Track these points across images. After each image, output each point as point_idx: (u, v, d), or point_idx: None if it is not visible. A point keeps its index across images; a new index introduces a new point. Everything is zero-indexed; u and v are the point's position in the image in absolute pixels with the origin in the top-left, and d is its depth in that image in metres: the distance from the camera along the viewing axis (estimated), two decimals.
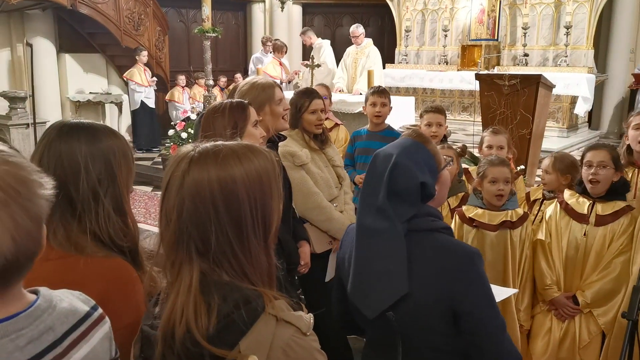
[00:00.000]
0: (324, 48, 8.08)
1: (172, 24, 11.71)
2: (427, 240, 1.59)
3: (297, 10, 13.35)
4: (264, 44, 10.13)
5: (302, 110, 3.14)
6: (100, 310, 1.11)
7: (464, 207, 2.85)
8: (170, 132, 7.69)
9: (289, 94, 3.82)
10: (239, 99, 2.33)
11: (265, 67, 9.29)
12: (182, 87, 10.42)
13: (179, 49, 12.10)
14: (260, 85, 2.61)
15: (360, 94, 7.13)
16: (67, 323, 1.03)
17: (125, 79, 9.95)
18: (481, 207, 2.78)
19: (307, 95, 3.21)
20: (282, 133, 2.72)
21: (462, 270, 1.56)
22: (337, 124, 4.61)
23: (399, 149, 1.65)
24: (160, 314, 1.13)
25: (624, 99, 10.48)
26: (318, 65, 7.29)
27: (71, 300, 1.07)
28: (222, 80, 10.91)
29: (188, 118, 7.89)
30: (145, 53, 9.77)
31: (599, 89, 10.07)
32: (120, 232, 1.44)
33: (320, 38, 8.46)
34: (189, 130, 7.29)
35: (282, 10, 11.84)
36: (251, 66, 10.17)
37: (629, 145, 2.99)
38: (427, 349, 1.61)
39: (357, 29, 7.46)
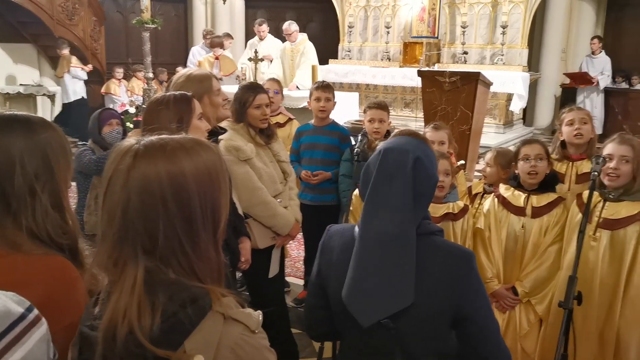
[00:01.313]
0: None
1: (108, 15, 11.32)
2: (428, 244, 1.54)
3: (239, 3, 13.19)
4: (205, 37, 9.95)
5: (246, 105, 3.10)
6: (36, 312, 1.05)
7: None
8: None
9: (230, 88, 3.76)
10: (183, 92, 2.27)
11: (202, 62, 9.11)
12: (119, 80, 10.09)
13: (116, 40, 11.72)
14: (196, 77, 2.57)
15: (298, 88, 7.13)
16: (0, 326, 0.96)
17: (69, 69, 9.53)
18: None
19: (251, 89, 3.17)
20: (223, 125, 2.69)
21: (464, 274, 1.53)
22: (290, 119, 4.58)
23: (412, 145, 1.57)
24: (101, 315, 1.07)
25: (556, 97, 10.97)
26: (262, 60, 7.22)
27: (4, 302, 1.00)
28: (162, 73, 10.64)
29: (126, 112, 7.65)
30: (67, 48, 9.41)
31: (533, 87, 10.48)
32: (59, 229, 1.37)
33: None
34: (128, 124, 7.07)
35: (224, 3, 11.65)
36: (191, 58, 9.94)
37: (563, 141, 3.12)
38: (426, 356, 1.57)
39: (289, 27, 7.38)
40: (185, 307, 1.03)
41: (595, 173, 2.49)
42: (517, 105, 9.47)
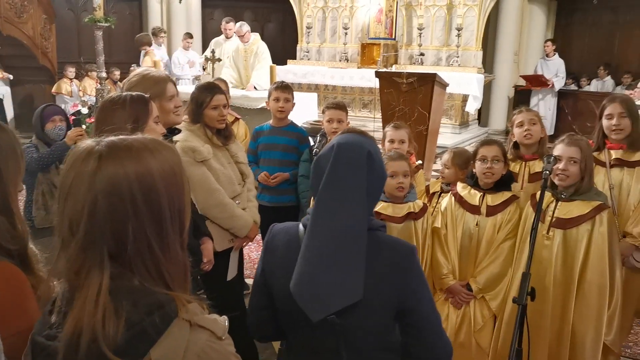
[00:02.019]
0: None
1: (60, 12, 10.99)
2: (373, 239, 1.56)
3: (196, 2, 13.02)
4: (155, 35, 9.77)
5: (203, 106, 3.05)
6: None
7: None
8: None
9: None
10: (140, 93, 2.20)
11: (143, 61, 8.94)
12: (71, 79, 9.81)
13: (67, 38, 11.39)
14: (151, 79, 2.50)
15: (255, 88, 7.08)
16: None
17: None
18: (385, 201, 2.85)
19: (208, 90, 3.12)
20: (177, 127, 2.63)
21: (408, 267, 1.56)
22: (236, 118, 4.53)
23: (365, 141, 1.59)
24: (58, 323, 1.03)
25: (509, 98, 11.26)
26: (219, 60, 7.15)
27: None
28: (116, 73, 10.40)
29: (79, 112, 7.44)
30: None
31: (487, 88, 10.73)
32: (7, 234, 1.32)
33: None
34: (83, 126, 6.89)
35: (180, 2, 11.49)
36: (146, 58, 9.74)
37: (516, 141, 3.19)
38: (372, 350, 1.58)
39: (241, 28, 7.30)
40: (151, 314, 1.00)
41: (547, 172, 2.55)
42: (472, 106, 9.67)
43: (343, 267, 1.49)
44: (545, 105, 10.43)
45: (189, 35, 10.28)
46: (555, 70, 10.44)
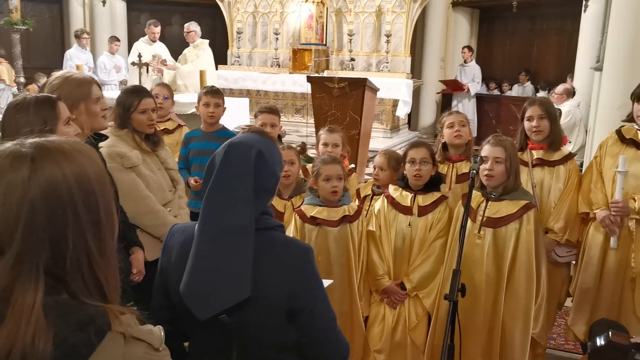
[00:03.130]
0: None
1: None
2: (266, 238, 1.57)
3: (121, 6, 12.64)
4: (78, 37, 9.41)
5: (131, 110, 2.96)
6: None
7: (302, 207, 2.91)
8: None
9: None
10: (47, 94, 2.09)
11: (80, 65, 8.60)
12: None
13: None
14: (75, 80, 2.39)
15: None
16: None
17: None
18: (320, 205, 2.85)
19: (135, 93, 3.03)
20: (103, 132, 2.53)
21: (300, 267, 1.57)
22: (180, 125, 4.41)
23: (257, 142, 1.59)
24: None
25: (437, 103, 11.62)
26: (147, 64, 6.97)
27: None
28: (41, 80, 9.89)
29: None
30: None
31: (417, 93, 11.02)
32: None
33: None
34: None
35: (103, 5, 11.12)
36: (69, 63, 9.35)
37: (444, 143, 3.29)
38: (265, 349, 1.59)
39: (189, 26, 7.35)
40: (82, 330, 0.94)
41: (474, 171, 2.64)
42: (403, 111, 9.89)
43: (228, 266, 1.49)
44: (463, 109, 10.89)
45: (116, 39, 9.96)
46: (472, 75, 10.91)
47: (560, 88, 8.33)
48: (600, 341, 0.85)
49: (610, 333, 0.84)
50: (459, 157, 3.24)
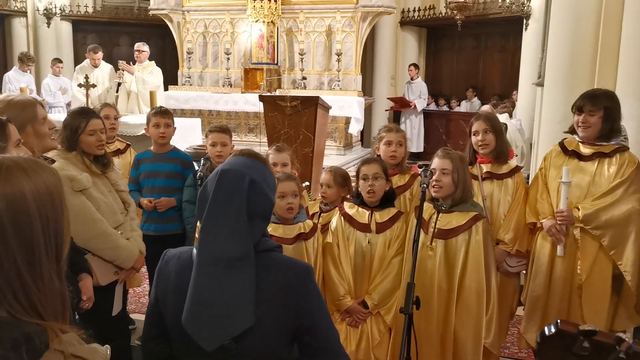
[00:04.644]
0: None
1: None
2: (266, 261, 1.56)
3: (66, 28, 12.38)
4: (21, 60, 9.14)
5: (78, 132, 2.89)
6: None
7: None
8: None
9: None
10: None
11: (24, 88, 8.37)
12: None
13: None
14: (18, 104, 2.33)
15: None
16: None
17: None
18: (275, 223, 2.84)
19: (83, 115, 2.97)
20: (50, 155, 2.47)
21: (303, 286, 1.57)
22: (127, 145, 4.33)
23: (248, 167, 1.58)
24: None
25: (388, 120, 11.81)
26: (94, 86, 6.84)
27: None
28: None
29: None
30: None
31: (368, 111, 11.18)
32: None
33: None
34: None
35: (48, 27, 10.85)
36: (8, 86, 9.04)
37: (379, 156, 3.34)
38: None
39: (141, 46, 7.34)
40: (17, 348, 0.92)
41: (424, 185, 2.70)
42: (355, 128, 10.01)
43: (231, 294, 1.48)
44: (411, 124, 11.24)
45: (58, 61, 9.72)
46: (418, 92, 11.22)
47: (485, 107, 8.58)
48: (549, 330, 0.88)
49: (559, 321, 0.87)
50: (392, 172, 3.27)
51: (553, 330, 0.87)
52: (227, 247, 1.50)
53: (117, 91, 7.22)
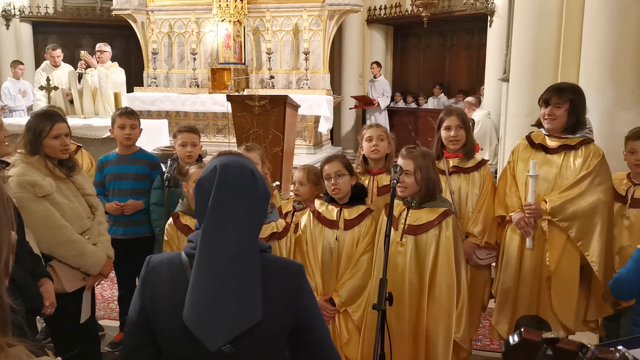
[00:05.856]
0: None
1: None
2: (262, 260, 1.54)
3: (26, 29, 12.06)
4: None
5: (42, 135, 2.82)
6: None
7: None
8: None
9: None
10: None
11: None
12: None
13: None
14: None
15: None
16: None
17: None
18: None
19: (47, 118, 2.90)
20: (11, 160, 2.41)
21: (299, 286, 1.58)
22: (78, 147, 4.19)
23: (246, 161, 1.58)
24: None
25: (357, 117, 11.86)
26: (56, 88, 6.68)
27: None
28: None
29: None
30: None
31: (337, 109, 11.20)
32: None
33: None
34: None
35: (7, 29, 10.56)
36: None
37: (364, 155, 3.34)
38: None
39: (103, 46, 7.14)
40: None
41: (395, 181, 2.70)
42: (324, 127, 10.01)
43: (241, 289, 1.46)
44: (375, 122, 11.21)
45: (19, 63, 9.48)
46: (381, 90, 11.26)
47: (469, 99, 8.83)
48: (513, 339, 0.88)
49: (522, 330, 0.88)
50: (379, 170, 3.29)
51: (517, 339, 0.88)
52: (236, 242, 1.48)
53: (79, 82, 7.00)
